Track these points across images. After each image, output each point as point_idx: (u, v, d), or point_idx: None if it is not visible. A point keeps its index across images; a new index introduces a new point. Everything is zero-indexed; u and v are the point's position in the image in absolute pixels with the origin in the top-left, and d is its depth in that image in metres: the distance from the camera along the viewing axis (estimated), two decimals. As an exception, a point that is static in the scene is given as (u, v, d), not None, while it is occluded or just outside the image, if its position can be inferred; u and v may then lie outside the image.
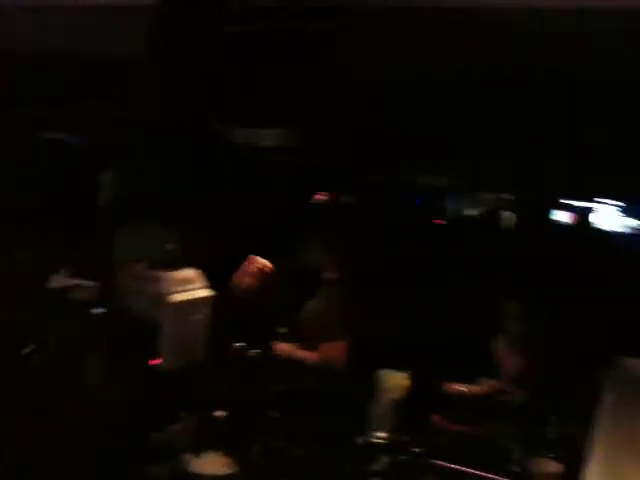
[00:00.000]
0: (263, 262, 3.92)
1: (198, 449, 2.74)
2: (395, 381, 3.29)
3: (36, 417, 2.43)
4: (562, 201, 8.19)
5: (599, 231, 7.21)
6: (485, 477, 2.72)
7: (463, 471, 2.73)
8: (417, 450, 2.92)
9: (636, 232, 8.68)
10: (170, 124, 4.74)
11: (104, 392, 2.72)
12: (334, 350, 3.51)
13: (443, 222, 6.90)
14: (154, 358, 3.15)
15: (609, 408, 1.45)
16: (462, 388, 3.30)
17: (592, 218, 7.72)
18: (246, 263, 3.95)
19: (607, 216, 9.09)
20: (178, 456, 2.66)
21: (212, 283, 3.37)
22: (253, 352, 3.44)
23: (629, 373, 1.75)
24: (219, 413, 3.04)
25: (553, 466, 2.66)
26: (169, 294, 3.32)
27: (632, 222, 8.89)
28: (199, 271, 3.55)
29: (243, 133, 5.58)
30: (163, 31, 4.85)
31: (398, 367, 3.44)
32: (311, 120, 5.69)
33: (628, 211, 8.91)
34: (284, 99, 5.27)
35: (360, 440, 3.03)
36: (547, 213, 7.35)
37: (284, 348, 3.59)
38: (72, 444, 2.41)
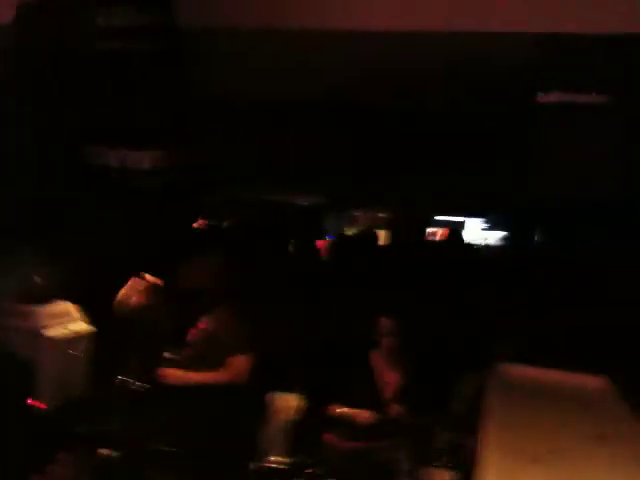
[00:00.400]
0: (150, 278, 3.76)
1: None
2: (287, 403, 3.29)
3: None
4: (435, 217, 8.56)
5: (467, 244, 7.56)
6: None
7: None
8: (310, 471, 2.93)
9: (500, 243, 9.22)
10: (28, 147, 4.56)
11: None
12: (241, 363, 3.43)
13: (325, 241, 6.96)
14: (32, 396, 2.98)
15: (492, 414, 1.52)
16: (346, 411, 3.32)
17: (461, 232, 8.08)
18: (132, 280, 3.78)
19: (475, 229, 9.62)
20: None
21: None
22: (138, 385, 3.31)
23: (507, 378, 1.85)
24: (104, 451, 2.90)
25: (443, 475, 2.74)
26: (43, 329, 3.16)
27: (497, 234, 9.45)
28: (76, 305, 3.41)
29: (117, 155, 5.42)
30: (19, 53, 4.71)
31: (284, 387, 3.44)
32: (180, 141, 5.62)
33: (493, 223, 9.48)
34: (152, 120, 5.20)
35: (253, 465, 3.00)
36: (419, 229, 7.63)
37: (176, 374, 3.45)
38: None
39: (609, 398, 1.76)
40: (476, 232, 9.50)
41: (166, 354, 3.49)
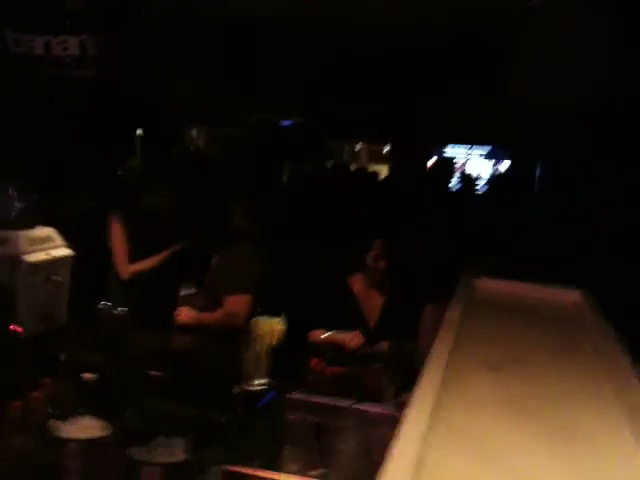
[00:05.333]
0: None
1: (67, 414, 2.60)
2: (269, 327, 3.28)
3: None
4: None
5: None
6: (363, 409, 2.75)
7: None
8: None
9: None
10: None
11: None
12: (238, 303, 3.44)
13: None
14: (13, 323, 2.96)
15: (452, 324, 1.47)
16: (332, 335, 3.31)
17: (451, 161, 7.96)
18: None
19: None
20: (45, 423, 2.51)
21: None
22: (119, 310, 3.30)
23: (477, 292, 1.80)
24: (88, 376, 2.89)
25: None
26: (23, 254, 3.11)
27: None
28: (56, 230, 3.35)
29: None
30: None
31: (273, 313, 3.43)
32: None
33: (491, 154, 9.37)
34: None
35: (236, 389, 3.00)
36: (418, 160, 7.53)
37: (188, 314, 3.47)
38: None
39: (583, 311, 1.70)
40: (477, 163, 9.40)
41: (182, 292, 3.50)
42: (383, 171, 8.10)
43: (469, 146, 9.31)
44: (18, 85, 5.43)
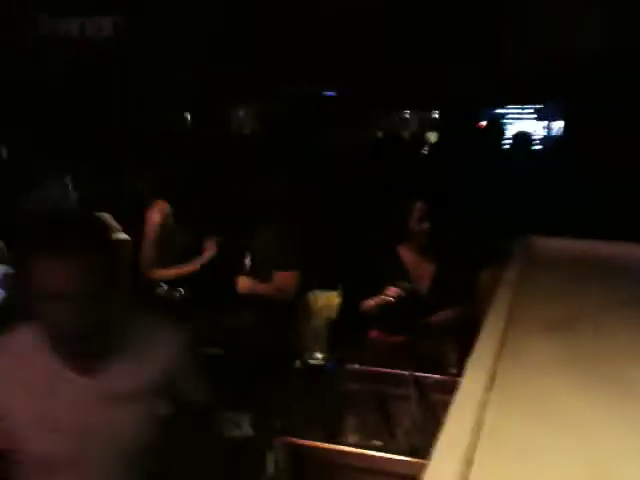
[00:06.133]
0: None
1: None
2: (326, 300, 3.29)
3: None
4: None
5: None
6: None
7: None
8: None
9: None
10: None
11: None
12: (287, 279, 3.46)
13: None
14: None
15: (508, 284, 1.43)
16: (381, 298, 3.30)
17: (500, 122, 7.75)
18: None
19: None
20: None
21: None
22: (177, 291, 3.37)
23: (532, 250, 1.75)
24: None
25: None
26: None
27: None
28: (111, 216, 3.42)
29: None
30: None
31: (327, 287, 3.43)
32: None
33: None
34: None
35: (297, 363, 3.02)
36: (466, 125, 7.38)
37: (246, 284, 3.51)
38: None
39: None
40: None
41: (245, 261, 3.54)
42: (432, 138, 7.99)
43: (521, 106, 9.05)
44: (54, 69, 5.53)
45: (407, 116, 9.38)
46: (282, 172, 3.72)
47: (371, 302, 3.34)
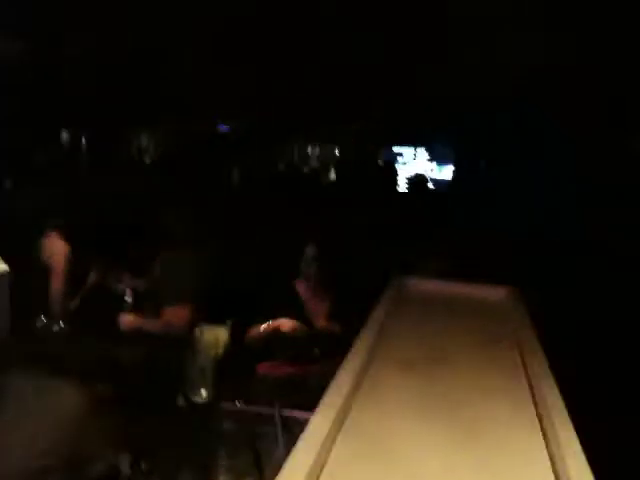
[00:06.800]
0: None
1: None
2: (214, 336, 3.23)
3: None
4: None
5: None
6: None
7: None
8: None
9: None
10: None
11: None
12: (177, 313, 3.38)
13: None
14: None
15: (376, 323, 1.46)
16: (270, 325, 3.29)
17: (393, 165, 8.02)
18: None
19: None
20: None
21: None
22: (57, 326, 3.23)
23: (406, 290, 1.80)
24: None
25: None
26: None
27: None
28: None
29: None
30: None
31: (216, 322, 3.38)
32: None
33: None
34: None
35: (181, 402, 2.94)
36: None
37: (129, 319, 3.39)
38: None
39: (511, 307, 1.71)
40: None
41: (126, 298, 3.43)
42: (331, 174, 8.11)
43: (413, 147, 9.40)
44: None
45: (308, 151, 9.51)
46: (171, 204, 3.68)
47: (259, 329, 3.32)
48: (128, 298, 3.44)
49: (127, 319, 3.39)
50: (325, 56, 6.42)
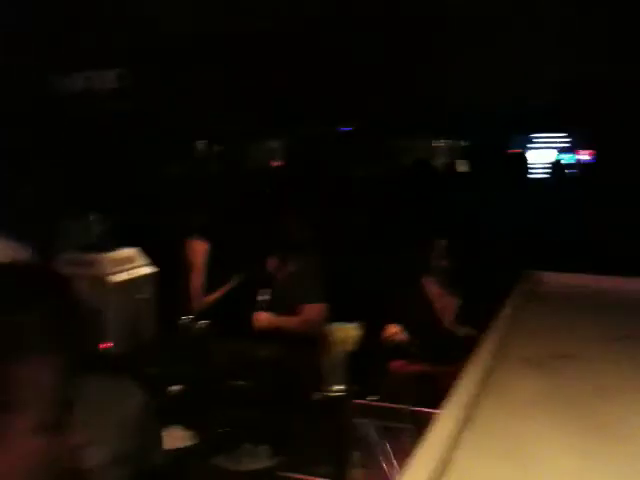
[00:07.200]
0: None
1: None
2: (344, 333, 3.29)
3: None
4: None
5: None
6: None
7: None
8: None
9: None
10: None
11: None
12: (315, 311, 3.52)
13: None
14: (103, 342, 3.11)
15: (505, 319, 1.44)
16: (395, 331, 3.30)
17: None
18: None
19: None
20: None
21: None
22: (201, 324, 3.41)
23: (537, 285, 1.76)
24: (174, 388, 3.00)
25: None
26: (108, 275, 3.27)
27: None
28: (138, 250, 3.50)
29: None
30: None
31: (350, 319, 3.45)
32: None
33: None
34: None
35: (316, 396, 3.03)
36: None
37: (266, 317, 3.56)
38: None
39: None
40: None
41: (259, 297, 3.59)
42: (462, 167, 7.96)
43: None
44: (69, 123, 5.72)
45: (436, 145, 9.41)
46: (305, 207, 3.79)
47: (393, 331, 3.37)
48: (262, 297, 3.57)
49: (263, 317, 3.52)
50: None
